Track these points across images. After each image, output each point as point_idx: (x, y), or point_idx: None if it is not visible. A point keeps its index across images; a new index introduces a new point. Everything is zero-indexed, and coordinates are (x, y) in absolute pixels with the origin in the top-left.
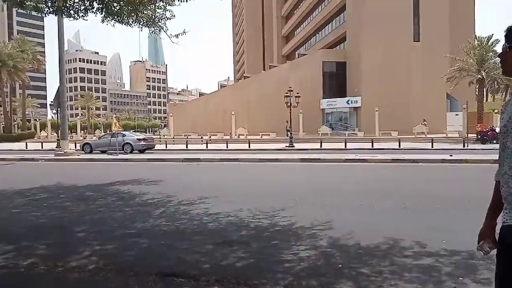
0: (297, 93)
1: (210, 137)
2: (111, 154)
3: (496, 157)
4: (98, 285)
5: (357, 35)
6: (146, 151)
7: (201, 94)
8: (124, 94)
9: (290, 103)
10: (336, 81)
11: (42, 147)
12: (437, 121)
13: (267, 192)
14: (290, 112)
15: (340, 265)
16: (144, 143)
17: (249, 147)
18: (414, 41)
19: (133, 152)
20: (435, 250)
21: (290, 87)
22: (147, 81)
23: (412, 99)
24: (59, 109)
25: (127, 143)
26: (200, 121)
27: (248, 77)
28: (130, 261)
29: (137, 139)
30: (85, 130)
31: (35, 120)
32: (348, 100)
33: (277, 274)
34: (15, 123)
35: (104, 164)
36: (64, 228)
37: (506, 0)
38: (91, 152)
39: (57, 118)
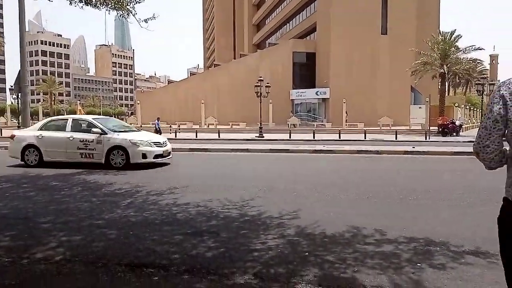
0: (267, 83)
1: (179, 126)
2: None
3: (456, 149)
4: (65, 276)
5: (327, 26)
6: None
7: (170, 82)
8: (88, 80)
9: (260, 93)
10: (306, 72)
11: (1, 134)
12: (401, 114)
13: (237, 182)
14: (260, 102)
15: (307, 253)
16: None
17: (219, 136)
18: (381, 34)
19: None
20: (395, 238)
21: (260, 77)
22: (113, 66)
23: (379, 91)
24: (19, 94)
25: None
26: (169, 110)
27: (218, 65)
28: (99, 252)
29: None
30: (47, 117)
31: None
32: (317, 91)
33: (247, 263)
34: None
35: None
36: (28, 219)
37: None
38: None
39: (18, 103)
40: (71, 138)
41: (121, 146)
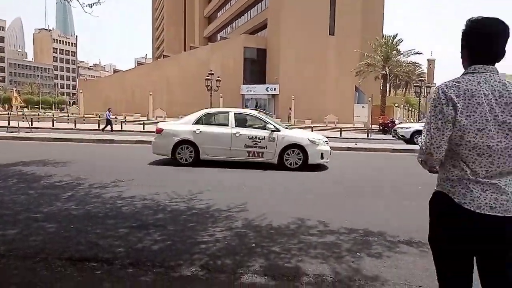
0: (218, 77)
1: (125, 117)
2: (11, 132)
3: (395, 146)
4: None
5: (278, 23)
6: None
7: (115, 71)
8: (26, 65)
9: (211, 87)
10: (256, 68)
11: None
12: (346, 112)
13: (185, 176)
14: (211, 96)
15: (253, 245)
16: None
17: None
18: (329, 34)
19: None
20: (337, 229)
21: (211, 70)
22: (53, 52)
23: (326, 89)
24: None
25: None
26: (115, 100)
27: (168, 56)
28: (37, 246)
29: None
30: None
31: None
32: (267, 87)
33: (194, 255)
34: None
35: (3, 143)
36: None
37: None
38: None
39: None
40: (237, 135)
41: (298, 145)
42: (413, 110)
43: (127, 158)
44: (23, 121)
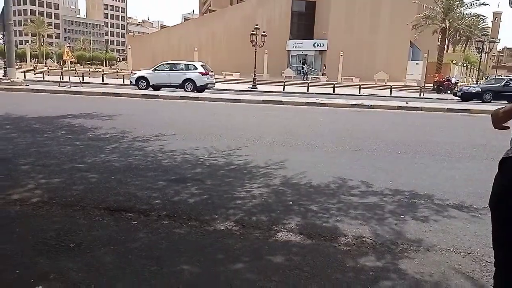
0: (264, 32)
1: None
2: (63, 86)
3: (449, 106)
4: (41, 218)
5: None
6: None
7: (163, 27)
8: (79, 22)
9: (256, 42)
10: (304, 22)
11: None
12: (398, 69)
13: (225, 131)
14: (255, 52)
15: (291, 202)
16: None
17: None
18: None
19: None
20: (380, 190)
21: (256, 25)
22: (104, 9)
23: (378, 45)
24: (4, 32)
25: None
26: (161, 56)
27: (214, 11)
28: (77, 195)
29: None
30: (36, 59)
31: None
32: (315, 43)
33: (229, 210)
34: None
35: (56, 96)
36: (7, 160)
37: None
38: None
39: (3, 43)
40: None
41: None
42: (472, 68)
43: (172, 113)
44: (74, 76)
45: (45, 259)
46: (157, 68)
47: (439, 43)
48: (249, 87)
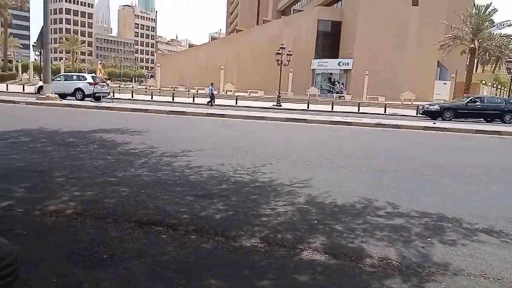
0: (289, 51)
1: (197, 91)
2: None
3: (479, 127)
4: (75, 229)
5: None
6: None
7: (191, 46)
8: (111, 40)
9: (281, 61)
10: (329, 41)
11: (23, 90)
12: (425, 89)
13: (250, 148)
14: (281, 71)
15: (315, 221)
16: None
17: (236, 103)
18: (412, 5)
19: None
20: (407, 212)
21: (282, 44)
22: (135, 27)
23: (404, 65)
24: (42, 50)
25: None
26: (188, 74)
27: (241, 30)
28: (109, 208)
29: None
30: None
31: (17, 61)
32: (340, 62)
33: (254, 227)
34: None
35: (88, 111)
36: (43, 173)
37: None
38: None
39: (40, 60)
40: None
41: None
42: (502, 88)
43: (198, 129)
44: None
45: (80, 269)
46: (55, 79)
47: (467, 63)
48: (273, 105)
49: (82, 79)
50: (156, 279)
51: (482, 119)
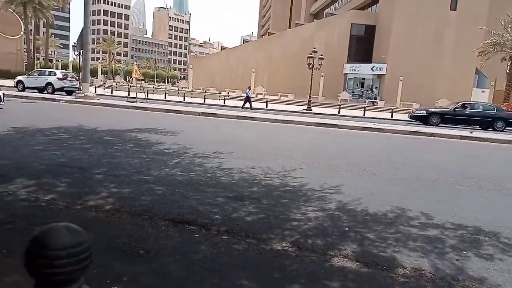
0: (321, 55)
1: (228, 93)
2: (130, 102)
3: (501, 137)
4: (113, 225)
5: None
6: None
7: (222, 48)
8: (145, 42)
9: (313, 65)
10: (362, 46)
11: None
12: (462, 97)
13: (280, 152)
14: (312, 74)
15: (347, 228)
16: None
17: (266, 106)
18: (450, 9)
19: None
20: (441, 223)
21: (314, 48)
22: (169, 29)
23: (441, 71)
24: (81, 51)
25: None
26: (219, 76)
27: (273, 33)
28: (145, 205)
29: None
30: (105, 75)
31: (57, 60)
32: (373, 67)
33: (285, 231)
34: (37, 62)
35: (123, 111)
36: (83, 169)
37: None
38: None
39: (79, 60)
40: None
41: None
42: None
43: (228, 131)
44: (140, 93)
45: (118, 263)
46: (30, 74)
47: (508, 71)
48: (303, 109)
49: (53, 74)
50: (190, 277)
51: (471, 126)
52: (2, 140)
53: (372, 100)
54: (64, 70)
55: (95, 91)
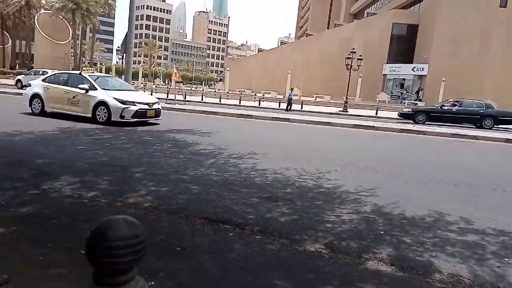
0: (360, 56)
1: (263, 95)
2: (168, 103)
3: None
4: (152, 221)
5: None
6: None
7: (260, 50)
8: (185, 45)
9: (351, 66)
10: (403, 46)
11: None
12: (511, 98)
13: (314, 154)
14: (350, 75)
15: (382, 232)
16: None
17: (302, 108)
18: (500, 6)
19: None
20: (482, 228)
21: (353, 49)
22: (208, 33)
23: (486, 71)
24: (124, 54)
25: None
26: (256, 78)
27: (311, 35)
28: (182, 204)
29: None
30: (145, 78)
31: (101, 64)
32: (414, 67)
33: (319, 232)
34: (83, 65)
35: (163, 112)
36: (124, 168)
37: None
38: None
39: (122, 63)
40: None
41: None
42: None
43: (263, 132)
44: (178, 94)
45: (156, 259)
46: (27, 74)
47: None
48: (339, 111)
49: (46, 73)
50: (225, 274)
51: (460, 124)
52: (48, 139)
53: (412, 102)
54: (55, 70)
55: None
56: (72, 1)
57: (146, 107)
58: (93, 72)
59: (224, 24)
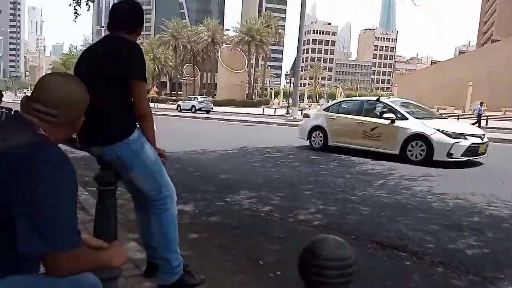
0: None
1: (437, 110)
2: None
3: None
4: None
5: None
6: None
7: (433, 62)
8: (349, 64)
9: None
10: None
11: (274, 113)
12: None
13: (505, 177)
14: None
15: None
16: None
17: (486, 124)
18: None
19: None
20: None
21: None
22: (374, 49)
23: None
24: (293, 78)
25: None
26: (428, 92)
27: (497, 40)
28: (351, 225)
29: (198, 101)
30: (310, 99)
31: (271, 89)
32: None
33: None
34: (256, 91)
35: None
36: (293, 185)
37: None
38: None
39: (289, 86)
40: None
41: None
42: None
43: None
44: None
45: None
46: (183, 100)
47: None
48: None
49: (194, 99)
50: None
51: None
52: (230, 158)
53: None
54: (202, 96)
55: (302, 114)
56: (247, 34)
57: (479, 140)
58: (388, 98)
59: (392, 39)
